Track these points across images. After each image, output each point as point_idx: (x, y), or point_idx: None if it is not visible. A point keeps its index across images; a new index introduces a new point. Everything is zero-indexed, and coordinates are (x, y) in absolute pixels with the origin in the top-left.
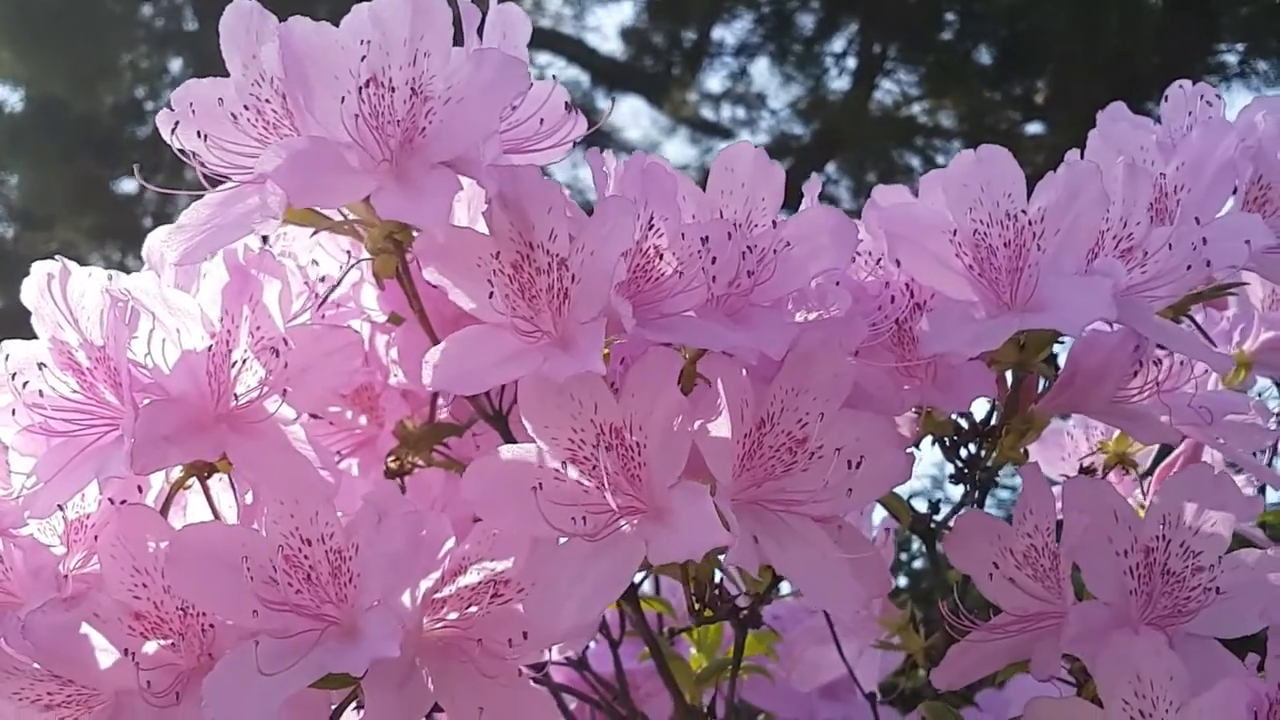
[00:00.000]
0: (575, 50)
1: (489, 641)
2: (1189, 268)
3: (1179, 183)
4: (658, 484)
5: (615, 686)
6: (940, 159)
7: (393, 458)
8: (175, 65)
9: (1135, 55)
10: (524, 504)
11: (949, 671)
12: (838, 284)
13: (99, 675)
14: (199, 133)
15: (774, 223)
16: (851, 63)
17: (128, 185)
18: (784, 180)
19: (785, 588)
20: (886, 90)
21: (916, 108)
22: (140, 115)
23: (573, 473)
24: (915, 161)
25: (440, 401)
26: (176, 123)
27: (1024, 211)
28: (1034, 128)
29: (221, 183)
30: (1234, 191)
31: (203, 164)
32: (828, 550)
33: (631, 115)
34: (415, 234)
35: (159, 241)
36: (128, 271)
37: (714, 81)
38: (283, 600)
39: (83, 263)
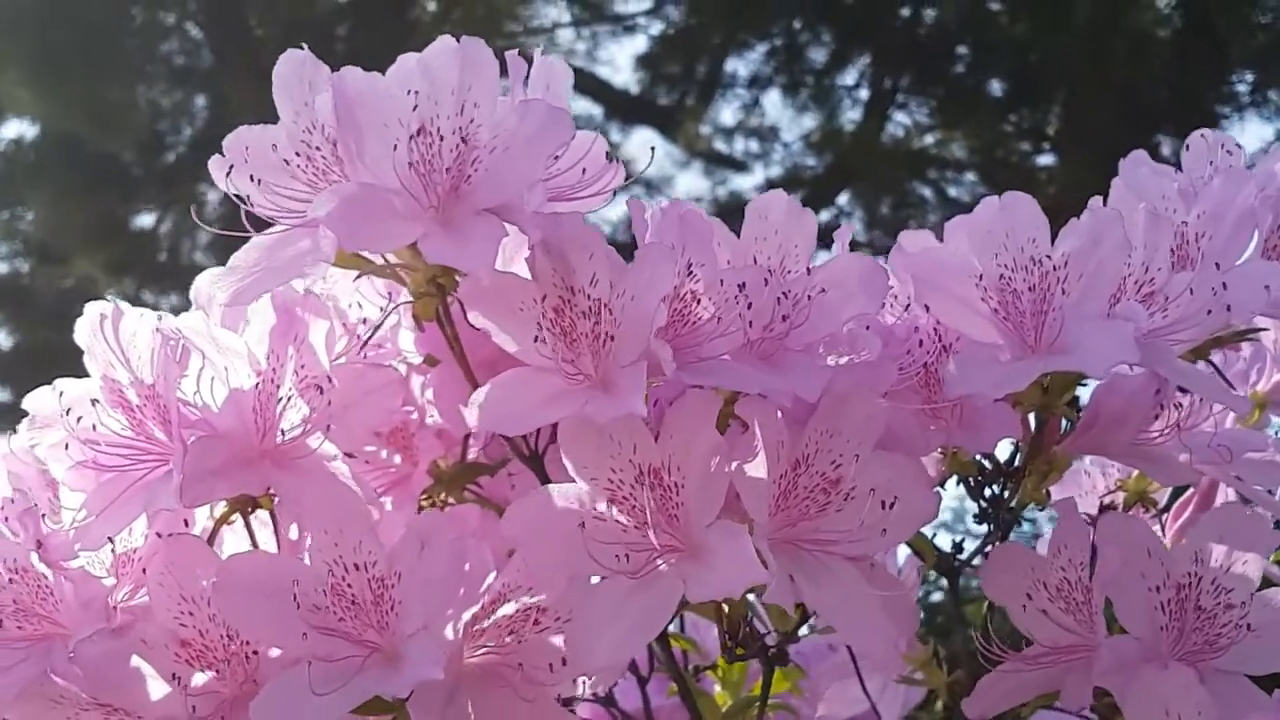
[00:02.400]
0: (588, 83)
1: (529, 667)
2: (1209, 312)
3: (1200, 230)
4: (695, 523)
5: None
6: (952, 190)
7: (426, 497)
8: (191, 102)
9: (1146, 86)
10: (566, 542)
11: (980, 702)
12: (868, 328)
13: (145, 702)
14: (252, 177)
15: (808, 269)
16: (864, 95)
17: (145, 220)
18: (816, 227)
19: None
20: (898, 122)
21: (928, 139)
22: (157, 151)
23: (612, 512)
24: (927, 193)
25: (472, 442)
26: (231, 167)
27: (1048, 257)
28: (1045, 159)
29: (268, 225)
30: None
31: (255, 207)
32: (861, 589)
33: (644, 148)
34: (458, 278)
35: (208, 282)
36: (145, 305)
37: (727, 114)
38: (327, 626)
39: (99, 297)
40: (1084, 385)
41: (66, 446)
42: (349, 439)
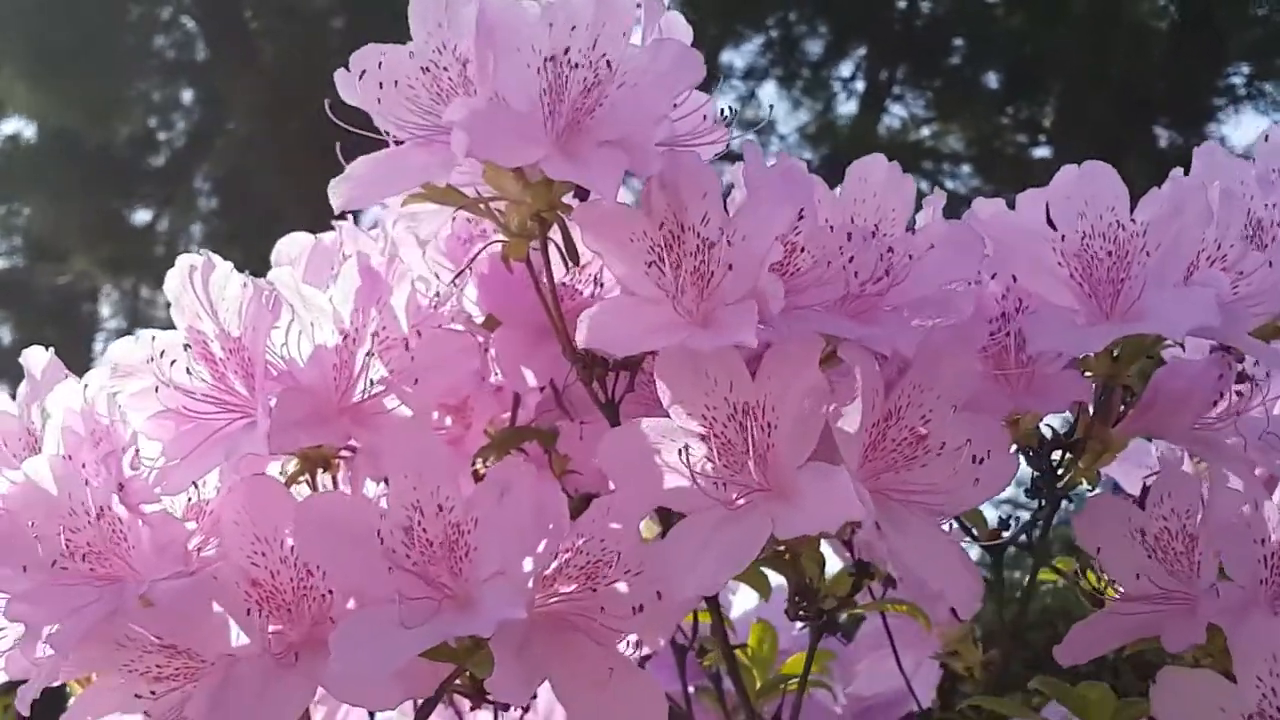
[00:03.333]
0: None
1: (606, 614)
2: None
3: (1276, 218)
4: (786, 464)
5: (678, 703)
6: (949, 183)
7: (475, 463)
8: (187, 96)
9: (1143, 79)
10: (657, 472)
11: (1072, 648)
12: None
13: (212, 641)
14: (380, 84)
15: (911, 229)
16: (860, 87)
17: (142, 216)
18: (914, 193)
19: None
20: (895, 114)
21: (924, 131)
22: (153, 146)
23: (704, 448)
24: (924, 185)
25: (521, 409)
26: (363, 72)
27: (1130, 223)
28: (1042, 151)
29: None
30: None
31: (378, 115)
32: (945, 539)
33: None
34: (561, 213)
35: (290, 242)
36: (142, 301)
37: (723, 105)
38: (404, 567)
39: (96, 294)
40: (1151, 358)
41: (156, 390)
42: (424, 400)
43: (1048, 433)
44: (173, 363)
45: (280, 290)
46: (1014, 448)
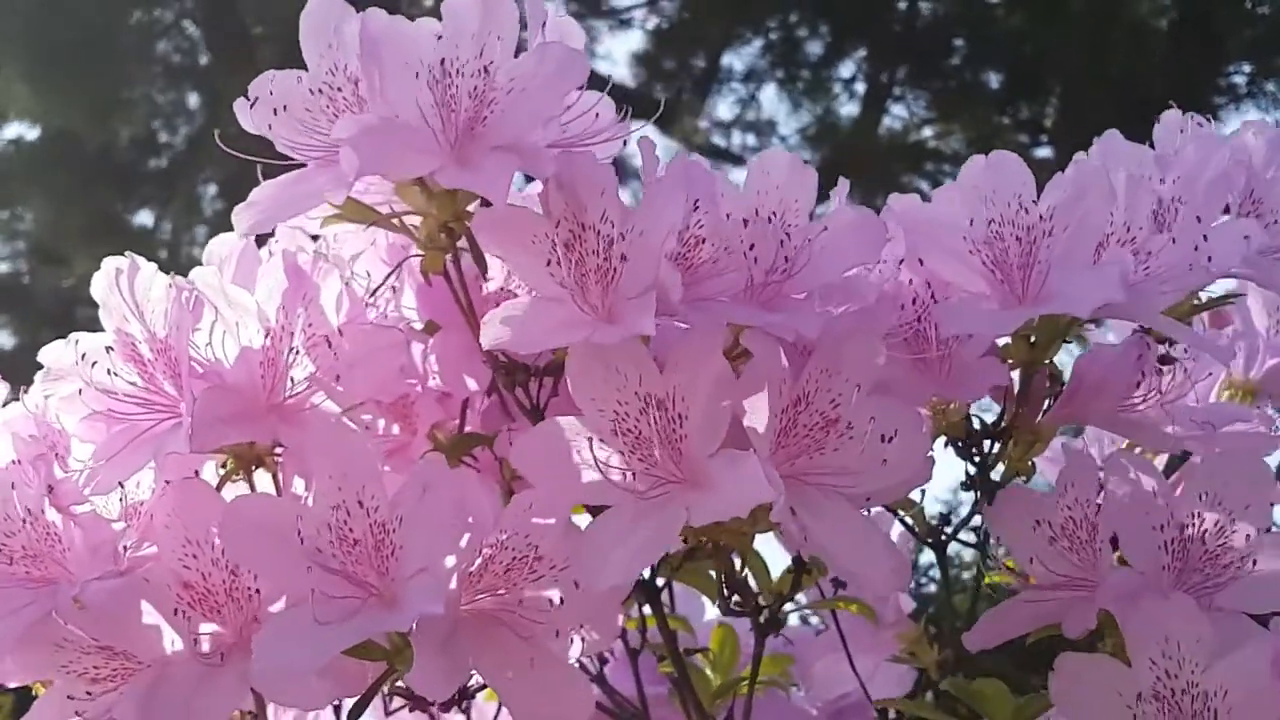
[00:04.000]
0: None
1: (528, 605)
2: (1190, 267)
3: (1175, 194)
4: (698, 454)
5: (634, 704)
6: (949, 183)
7: None
8: (189, 99)
9: (1143, 78)
10: (571, 468)
11: (980, 634)
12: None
13: (145, 641)
14: (274, 109)
15: (810, 217)
16: (860, 88)
17: (143, 218)
18: (816, 183)
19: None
20: (895, 115)
21: (925, 132)
22: (155, 149)
23: (617, 442)
24: (924, 185)
25: (469, 412)
26: (255, 100)
27: (1034, 206)
28: (1042, 151)
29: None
30: (1227, 207)
31: (276, 140)
32: (862, 522)
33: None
34: (468, 223)
35: (221, 240)
36: None
37: (724, 108)
38: (329, 566)
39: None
40: (1069, 341)
41: (80, 392)
42: (356, 395)
43: (977, 425)
44: (93, 365)
45: (203, 291)
46: (942, 438)
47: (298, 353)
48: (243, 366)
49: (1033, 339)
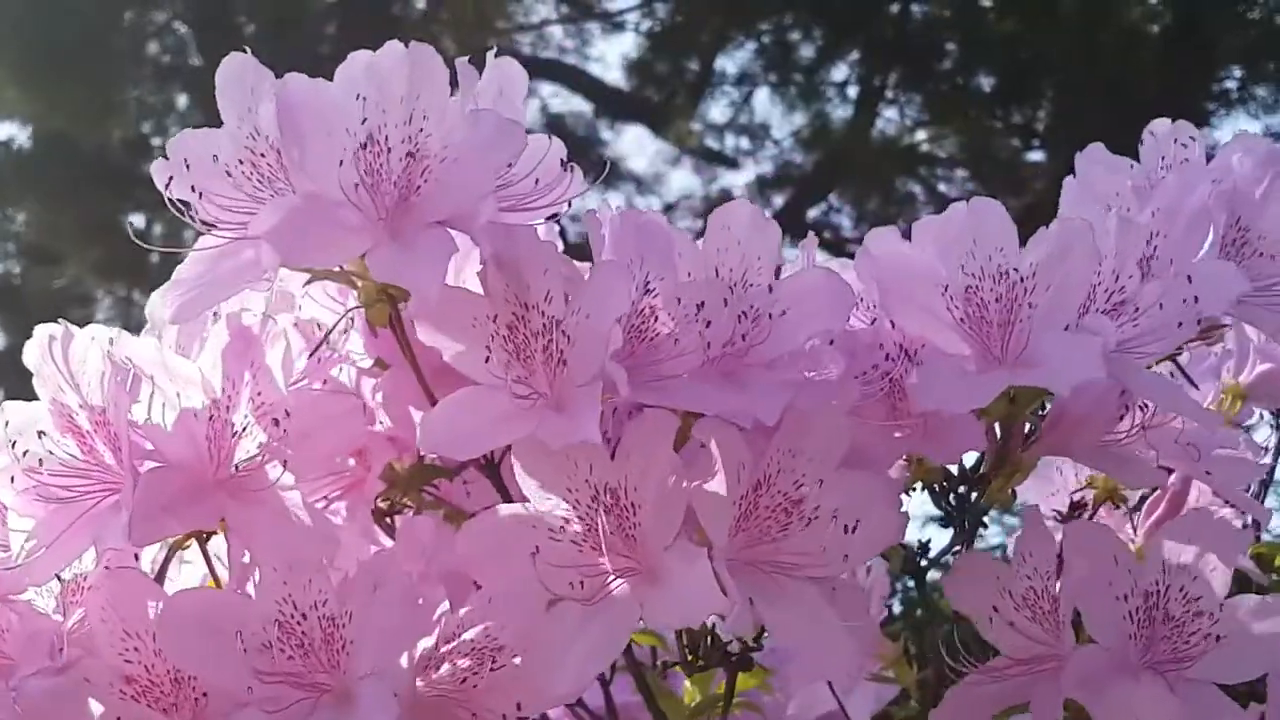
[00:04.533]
0: (579, 80)
1: (482, 712)
2: (1180, 325)
3: (1155, 229)
4: (653, 544)
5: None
6: (942, 186)
7: (382, 498)
8: (181, 101)
9: (1135, 83)
10: (519, 566)
11: (947, 714)
12: (831, 343)
13: None
14: (193, 187)
15: (769, 287)
16: (853, 92)
17: (135, 220)
18: (779, 238)
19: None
20: (888, 119)
21: (918, 135)
22: (147, 151)
23: (568, 533)
24: (917, 189)
25: None
26: (171, 177)
27: (1016, 269)
28: (1035, 155)
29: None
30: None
31: (197, 218)
32: (821, 612)
33: (636, 145)
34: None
35: (159, 302)
36: (137, 306)
37: (717, 111)
38: (276, 670)
39: (90, 298)
40: (1050, 396)
41: (12, 478)
42: (308, 465)
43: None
44: (25, 452)
45: (141, 365)
46: (918, 485)
47: (247, 424)
48: (186, 440)
49: (1012, 396)
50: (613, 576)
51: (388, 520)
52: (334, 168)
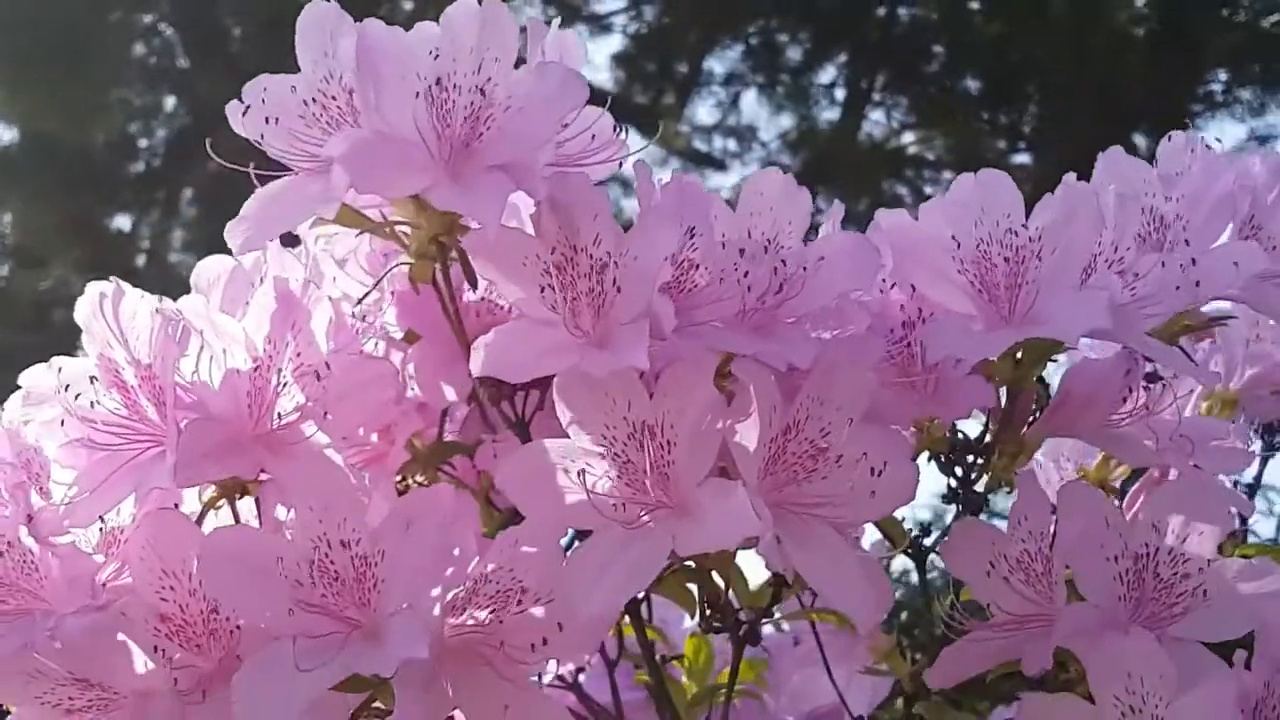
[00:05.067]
0: None
1: (510, 646)
2: (1178, 288)
3: (1178, 213)
4: (686, 481)
5: (611, 713)
6: (929, 189)
7: (400, 477)
8: (168, 103)
9: (1122, 86)
10: (559, 492)
11: (943, 671)
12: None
13: (123, 676)
14: (268, 118)
15: (803, 244)
16: (840, 94)
17: (121, 221)
18: (810, 204)
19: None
20: (875, 121)
21: (905, 138)
22: (133, 152)
23: (605, 467)
24: (904, 191)
25: (448, 421)
26: (248, 107)
27: (1024, 227)
28: (1021, 158)
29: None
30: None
31: (269, 148)
32: (846, 553)
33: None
34: (460, 237)
35: (212, 263)
36: None
37: (704, 113)
38: (310, 601)
39: (75, 301)
40: (1055, 361)
41: (62, 423)
42: (343, 427)
43: (960, 439)
44: (77, 396)
45: (190, 319)
46: (925, 454)
47: (286, 383)
48: (228, 395)
49: (1019, 357)
50: (647, 509)
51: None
52: (406, 107)
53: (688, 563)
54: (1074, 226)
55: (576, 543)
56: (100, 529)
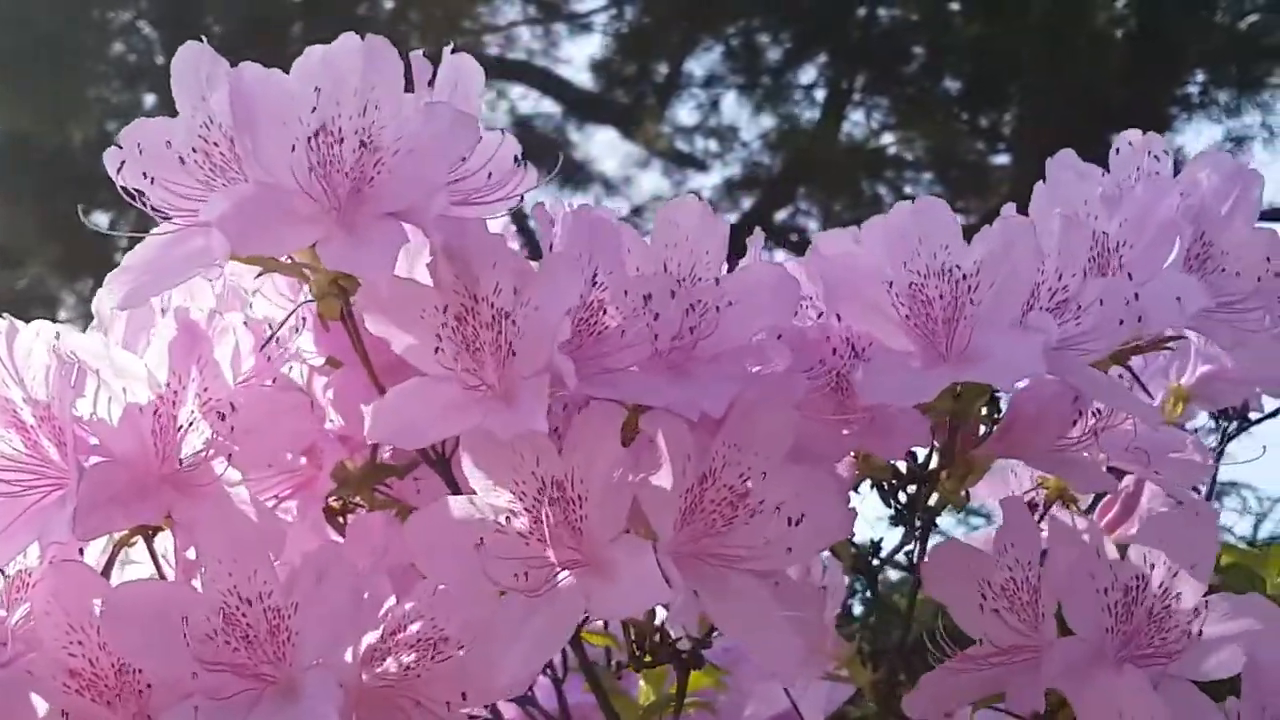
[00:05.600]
0: (547, 82)
1: (427, 701)
2: (1121, 323)
3: (1121, 239)
4: (599, 537)
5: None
6: (908, 189)
7: (334, 498)
8: (147, 100)
9: (1101, 87)
10: (465, 558)
11: (921, 702)
12: (779, 337)
13: None
14: (144, 173)
15: (717, 280)
16: (820, 94)
17: (99, 219)
18: (728, 234)
19: None
20: (855, 122)
21: (885, 138)
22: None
23: (515, 525)
24: (884, 191)
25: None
26: (123, 162)
27: (959, 266)
28: (1001, 159)
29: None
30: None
31: (148, 205)
32: (766, 606)
33: (607, 147)
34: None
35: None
36: None
37: (685, 114)
38: (220, 660)
39: (55, 298)
40: (998, 394)
41: None
42: (254, 461)
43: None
44: None
45: (85, 359)
46: (867, 482)
47: (193, 420)
48: (131, 434)
49: (958, 392)
50: (559, 569)
51: (340, 520)
52: (286, 156)
53: None
54: (1011, 260)
55: None
56: (2, 575)
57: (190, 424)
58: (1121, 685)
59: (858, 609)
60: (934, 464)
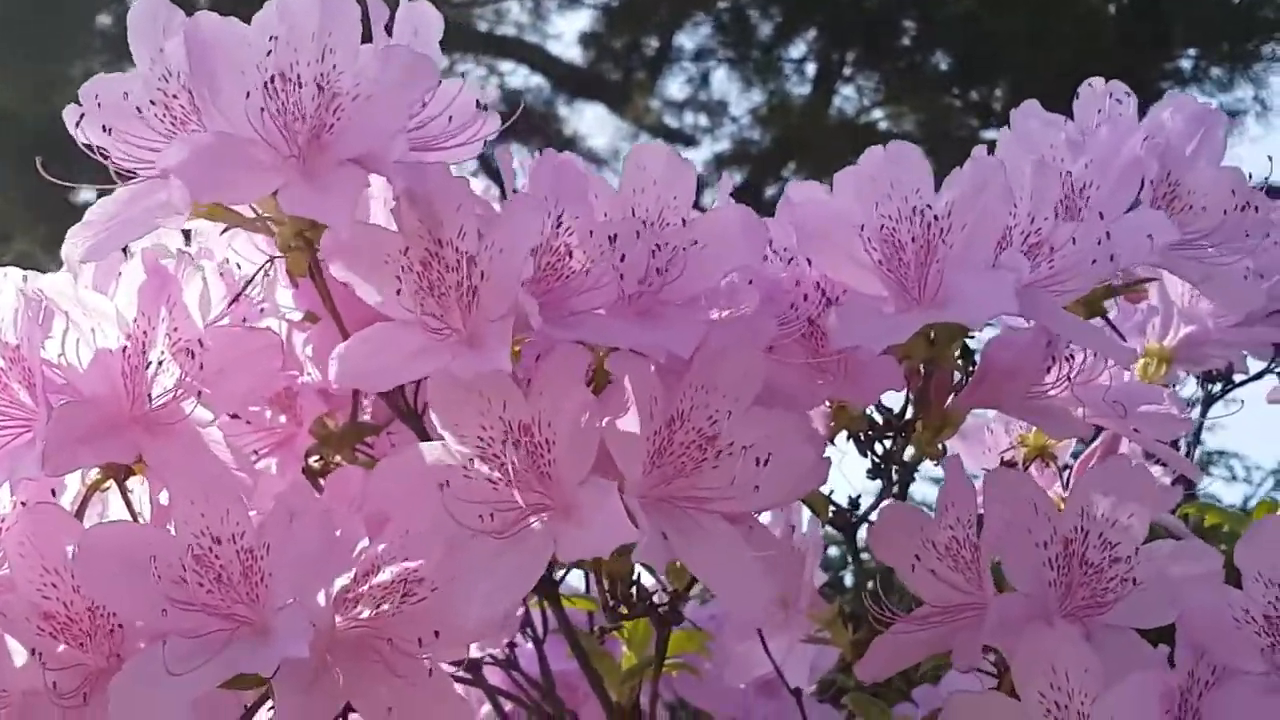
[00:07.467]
0: (536, 57)
1: (399, 640)
2: (1094, 262)
3: (1087, 180)
4: (566, 481)
5: (541, 686)
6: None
7: (315, 457)
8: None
9: (1091, 62)
10: (433, 501)
11: (872, 664)
12: (750, 282)
13: (7, 676)
14: (104, 127)
15: (684, 221)
16: (811, 69)
17: (85, 194)
18: (695, 179)
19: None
20: (845, 96)
21: (875, 113)
22: None
23: (481, 469)
24: None
25: (364, 401)
26: (82, 115)
27: (930, 207)
28: (992, 133)
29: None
30: (1142, 189)
31: (108, 159)
32: (736, 548)
33: (597, 123)
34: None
35: (69, 237)
36: None
37: (675, 88)
38: (192, 600)
39: (41, 272)
40: (972, 337)
41: None
42: (227, 403)
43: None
44: None
45: (54, 299)
46: (844, 434)
47: (163, 359)
48: (100, 375)
49: (932, 336)
50: (526, 512)
51: (320, 480)
52: (244, 104)
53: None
54: (982, 201)
55: None
56: None
57: (160, 364)
58: (1055, 639)
59: (849, 581)
60: (909, 415)
